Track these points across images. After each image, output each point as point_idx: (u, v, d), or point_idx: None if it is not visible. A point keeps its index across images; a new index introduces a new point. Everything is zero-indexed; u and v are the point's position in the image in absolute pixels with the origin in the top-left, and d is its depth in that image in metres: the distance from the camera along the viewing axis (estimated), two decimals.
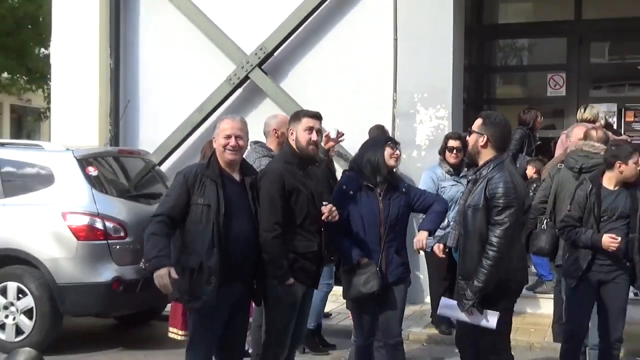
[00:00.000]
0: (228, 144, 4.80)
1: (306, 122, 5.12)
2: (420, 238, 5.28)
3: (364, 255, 5.20)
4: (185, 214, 4.71)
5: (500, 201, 4.60)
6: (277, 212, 4.86)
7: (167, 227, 4.67)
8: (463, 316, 4.82)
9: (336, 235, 5.23)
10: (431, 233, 5.43)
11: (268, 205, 4.86)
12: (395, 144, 5.55)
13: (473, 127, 4.94)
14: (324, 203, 5.11)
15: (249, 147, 5.63)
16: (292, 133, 5.17)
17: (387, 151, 5.34)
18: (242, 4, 10.30)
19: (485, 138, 4.81)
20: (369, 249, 5.23)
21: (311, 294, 5.39)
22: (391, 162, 5.35)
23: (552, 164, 7.69)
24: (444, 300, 5.12)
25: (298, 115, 5.27)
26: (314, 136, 5.09)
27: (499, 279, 4.68)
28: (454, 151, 7.58)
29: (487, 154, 4.83)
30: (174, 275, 4.46)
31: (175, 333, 6.49)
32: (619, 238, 5.50)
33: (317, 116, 5.21)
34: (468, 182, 5.08)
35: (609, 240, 5.45)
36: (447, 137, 7.78)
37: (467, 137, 5.06)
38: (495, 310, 4.74)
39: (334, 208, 5.04)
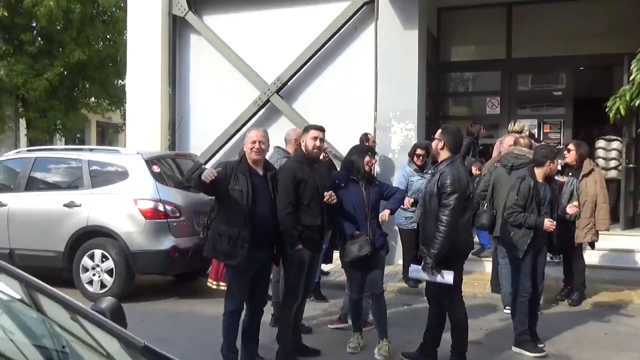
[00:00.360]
0: (254, 147, 4.84)
1: (312, 133, 5.16)
2: (384, 213, 5.39)
3: (356, 229, 5.21)
4: (220, 190, 4.70)
5: (448, 189, 4.65)
6: (290, 196, 4.89)
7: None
8: (426, 276, 4.82)
9: (335, 215, 5.22)
10: (392, 212, 5.60)
11: (283, 191, 4.90)
12: (373, 155, 5.55)
13: (435, 134, 4.98)
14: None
15: (272, 150, 5.63)
16: (303, 141, 5.19)
17: (366, 159, 5.33)
18: (264, 47, 10.28)
19: (443, 143, 4.84)
20: (359, 224, 5.23)
21: (317, 258, 5.38)
22: (366, 167, 5.33)
23: (490, 163, 7.68)
24: (412, 267, 5.08)
25: (308, 128, 5.30)
26: (317, 143, 5.12)
27: (451, 246, 4.69)
28: (420, 157, 7.54)
29: (443, 155, 4.87)
30: (218, 169, 4.57)
31: (210, 283, 6.55)
32: (555, 221, 5.49)
33: (321, 129, 5.24)
34: (430, 175, 5.09)
35: (549, 224, 5.42)
36: (415, 146, 7.72)
37: (432, 143, 5.08)
38: (450, 270, 4.74)
39: (333, 194, 5.05)
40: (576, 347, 5.65)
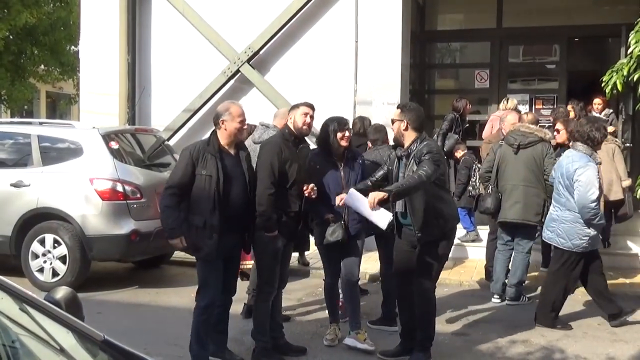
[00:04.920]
0: (242, 127, 4.81)
1: (303, 109, 5.16)
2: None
3: (332, 213, 5.15)
4: (191, 183, 4.66)
5: (427, 156, 4.64)
6: (274, 174, 4.88)
7: (177, 197, 4.69)
8: (363, 204, 4.69)
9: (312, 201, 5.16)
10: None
11: (267, 168, 4.87)
12: (345, 127, 5.28)
13: (393, 116, 4.95)
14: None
15: (259, 128, 6.03)
16: (291, 118, 5.16)
17: (339, 135, 5.17)
18: (234, 13, 10.15)
19: (406, 123, 4.84)
20: (335, 209, 5.15)
21: (290, 246, 5.36)
22: (342, 143, 5.19)
23: (494, 139, 7.56)
24: (351, 191, 4.85)
25: (298, 105, 5.25)
26: (307, 119, 5.13)
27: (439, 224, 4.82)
28: None
29: (409, 135, 4.86)
30: (184, 241, 4.65)
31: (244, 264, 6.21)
32: None
33: (311, 106, 5.22)
34: (398, 158, 4.95)
35: None
36: None
37: (393, 125, 4.99)
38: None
39: (314, 188, 5.02)
40: (568, 338, 5.74)
